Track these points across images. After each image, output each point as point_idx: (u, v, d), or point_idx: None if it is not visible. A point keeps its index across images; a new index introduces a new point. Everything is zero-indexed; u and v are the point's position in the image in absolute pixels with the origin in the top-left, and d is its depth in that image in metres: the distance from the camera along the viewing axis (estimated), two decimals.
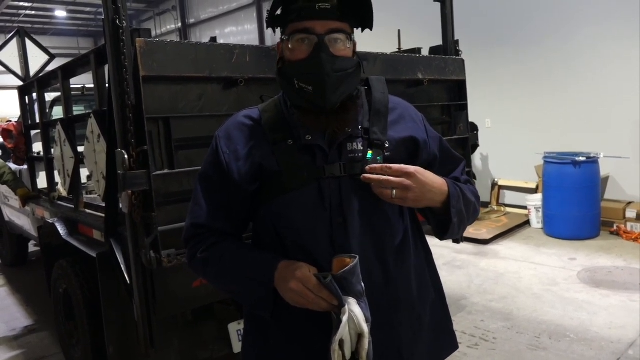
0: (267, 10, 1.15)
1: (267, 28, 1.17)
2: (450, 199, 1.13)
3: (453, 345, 1.34)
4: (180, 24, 17.27)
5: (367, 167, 1.07)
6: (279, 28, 1.17)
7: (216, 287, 1.25)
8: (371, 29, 1.18)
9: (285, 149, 1.13)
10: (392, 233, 1.17)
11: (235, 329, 2.43)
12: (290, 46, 1.11)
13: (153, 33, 17.22)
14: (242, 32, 15.27)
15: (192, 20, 17.22)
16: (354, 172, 1.11)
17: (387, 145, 1.15)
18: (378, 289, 1.13)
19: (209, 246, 1.18)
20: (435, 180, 1.11)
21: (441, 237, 1.24)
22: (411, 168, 1.06)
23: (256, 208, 1.19)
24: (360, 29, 1.19)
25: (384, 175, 1.05)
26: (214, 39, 2.42)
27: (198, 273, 1.27)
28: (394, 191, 1.05)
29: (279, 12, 1.12)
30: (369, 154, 1.13)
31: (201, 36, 16.19)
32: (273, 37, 14.42)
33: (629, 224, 5.50)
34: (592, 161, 5.39)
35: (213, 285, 1.27)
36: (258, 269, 1.12)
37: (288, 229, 1.13)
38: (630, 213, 5.49)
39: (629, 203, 5.62)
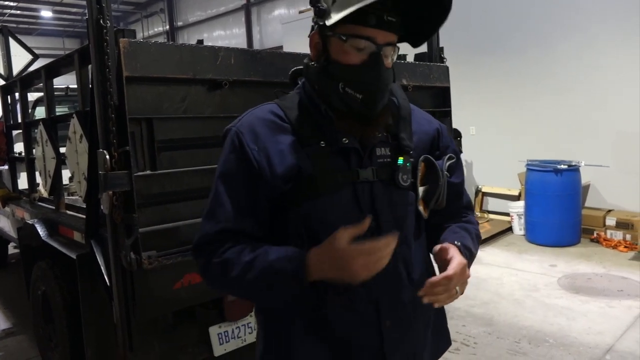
0: None
1: (316, 17, 1.10)
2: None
3: (448, 343, 1.39)
4: (168, 27, 17.19)
5: (429, 284, 1.04)
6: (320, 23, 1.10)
7: (239, 293, 1.16)
8: (414, 47, 1.22)
9: (319, 152, 1.10)
10: (415, 235, 1.21)
11: (216, 332, 2.41)
12: (344, 48, 1.07)
13: (140, 35, 17.15)
14: (230, 35, 15.26)
15: (180, 23, 17.15)
16: (383, 177, 1.13)
17: (412, 152, 1.17)
18: (404, 289, 1.17)
19: (226, 249, 1.09)
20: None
21: None
22: (450, 271, 1.05)
23: (281, 210, 1.13)
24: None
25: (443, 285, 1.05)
26: (200, 42, 2.42)
27: (215, 281, 1.14)
28: (457, 288, 1.08)
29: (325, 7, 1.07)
30: (400, 159, 1.15)
31: (189, 39, 16.14)
32: (260, 41, 14.45)
33: (608, 232, 5.59)
34: (574, 169, 5.48)
35: (235, 293, 1.17)
36: (286, 265, 1.04)
37: (321, 232, 1.07)
38: (610, 221, 5.59)
39: (609, 211, 5.72)
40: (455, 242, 1.16)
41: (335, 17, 1.03)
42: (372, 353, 1.14)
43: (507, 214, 6.33)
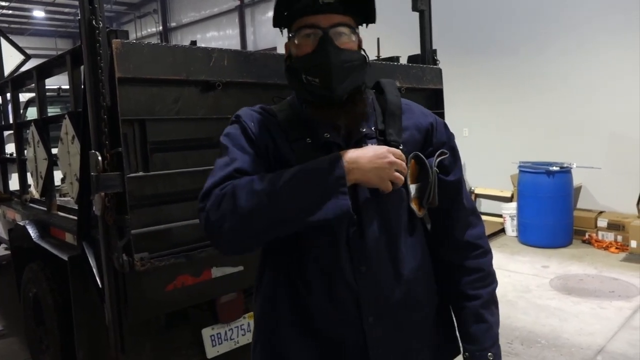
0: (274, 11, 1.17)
1: (274, 27, 1.19)
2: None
3: (457, 350, 1.35)
4: (161, 27, 17.13)
5: None
6: (285, 29, 1.19)
7: (269, 203, 1.02)
8: (374, 22, 1.20)
9: (304, 147, 1.14)
10: (404, 230, 1.19)
11: (209, 334, 2.41)
12: (296, 42, 1.14)
13: (133, 36, 17.10)
14: (223, 37, 15.23)
15: (173, 24, 17.10)
16: None
17: (401, 147, 1.16)
18: (390, 285, 1.16)
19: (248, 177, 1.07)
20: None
21: None
22: None
23: None
24: (364, 24, 1.21)
25: None
26: (193, 43, 2.42)
27: (237, 204, 1.01)
28: None
29: (281, 12, 1.15)
30: None
31: (182, 40, 16.09)
32: (254, 42, 14.43)
33: (600, 233, 5.63)
34: (565, 171, 5.52)
35: (265, 206, 1.01)
36: (323, 161, 1.06)
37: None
38: (602, 222, 5.63)
39: (601, 212, 5.77)
40: (489, 357, 1.26)
41: (276, 22, 1.16)
42: (356, 350, 1.14)
43: (500, 216, 6.36)
